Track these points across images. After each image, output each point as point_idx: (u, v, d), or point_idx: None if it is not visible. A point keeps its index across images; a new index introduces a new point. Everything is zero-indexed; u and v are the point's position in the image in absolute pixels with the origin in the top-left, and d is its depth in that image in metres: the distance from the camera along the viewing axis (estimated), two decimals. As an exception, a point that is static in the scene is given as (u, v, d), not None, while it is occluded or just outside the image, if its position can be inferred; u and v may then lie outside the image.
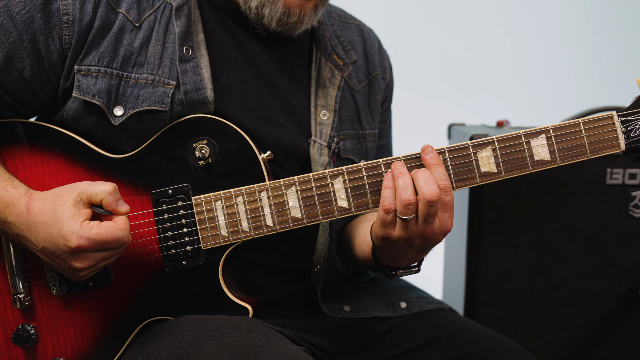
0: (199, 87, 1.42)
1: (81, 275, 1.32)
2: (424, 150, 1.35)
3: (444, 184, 1.32)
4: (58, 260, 1.30)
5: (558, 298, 1.99)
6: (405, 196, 1.31)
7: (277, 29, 1.49)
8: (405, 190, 1.31)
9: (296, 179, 1.38)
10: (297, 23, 1.48)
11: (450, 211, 1.35)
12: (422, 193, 1.30)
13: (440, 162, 1.34)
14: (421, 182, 1.31)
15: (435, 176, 1.32)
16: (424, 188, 1.30)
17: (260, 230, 1.39)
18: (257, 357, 1.23)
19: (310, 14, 1.49)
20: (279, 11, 1.45)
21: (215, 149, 1.40)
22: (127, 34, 1.42)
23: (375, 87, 1.72)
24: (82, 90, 1.39)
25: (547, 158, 1.36)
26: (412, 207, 1.31)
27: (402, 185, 1.31)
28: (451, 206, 1.35)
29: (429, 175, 1.32)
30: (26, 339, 1.40)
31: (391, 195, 1.33)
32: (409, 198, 1.30)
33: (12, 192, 1.33)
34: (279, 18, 1.46)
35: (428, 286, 2.01)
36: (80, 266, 1.29)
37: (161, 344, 1.32)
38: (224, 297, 1.41)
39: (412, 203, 1.30)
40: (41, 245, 1.30)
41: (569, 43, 3.17)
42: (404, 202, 1.30)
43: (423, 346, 1.58)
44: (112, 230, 1.28)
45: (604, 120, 1.35)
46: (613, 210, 1.95)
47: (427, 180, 1.31)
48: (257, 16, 1.49)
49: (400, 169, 1.33)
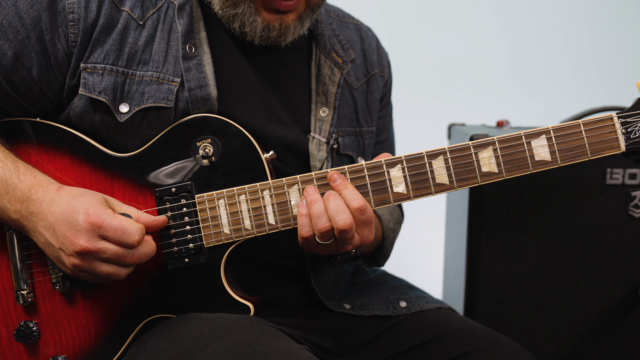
0: (202, 84, 1.43)
1: (74, 263, 1.30)
2: (329, 178, 1.36)
3: (357, 204, 1.33)
4: (62, 239, 1.29)
5: (558, 298, 1.99)
6: (320, 225, 1.33)
7: (262, 44, 1.51)
8: (320, 218, 1.33)
9: (298, 178, 1.38)
10: (280, 36, 1.49)
11: (370, 225, 1.37)
12: (335, 223, 1.32)
13: (348, 184, 1.36)
14: (332, 211, 1.32)
15: (347, 198, 1.34)
16: (336, 218, 1.32)
17: (262, 229, 1.40)
18: (260, 355, 1.24)
19: (294, 25, 1.49)
20: (258, 28, 1.46)
21: (219, 147, 1.41)
22: (132, 32, 1.43)
23: (373, 85, 1.73)
24: (89, 88, 1.40)
25: (548, 158, 1.36)
26: (328, 233, 1.33)
27: (316, 214, 1.33)
28: (370, 221, 1.36)
29: (340, 202, 1.33)
30: (28, 336, 1.41)
31: (307, 223, 1.35)
32: (324, 226, 1.32)
33: (41, 177, 1.36)
34: (260, 35, 1.48)
35: (428, 286, 2.02)
36: (83, 245, 1.27)
37: (164, 343, 1.33)
38: (226, 295, 1.41)
39: (328, 230, 1.33)
40: (55, 218, 1.30)
41: (569, 43, 3.17)
42: (321, 230, 1.33)
43: (423, 345, 1.58)
44: (127, 226, 1.29)
45: (604, 121, 1.36)
46: (613, 210, 1.95)
47: (338, 209, 1.32)
48: (241, 34, 1.50)
49: (313, 195, 1.35)
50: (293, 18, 1.48)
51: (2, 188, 1.34)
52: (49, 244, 1.32)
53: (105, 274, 1.31)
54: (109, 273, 1.31)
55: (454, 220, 2.25)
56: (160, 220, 1.37)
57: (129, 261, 1.31)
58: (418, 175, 1.37)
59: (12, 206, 1.33)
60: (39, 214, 1.31)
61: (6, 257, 1.42)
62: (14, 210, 1.34)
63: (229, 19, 1.48)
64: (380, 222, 1.74)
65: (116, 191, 1.42)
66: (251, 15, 1.45)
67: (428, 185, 1.38)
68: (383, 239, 1.75)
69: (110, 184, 1.42)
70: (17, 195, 1.33)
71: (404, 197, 1.38)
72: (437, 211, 2.67)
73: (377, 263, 1.81)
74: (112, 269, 1.31)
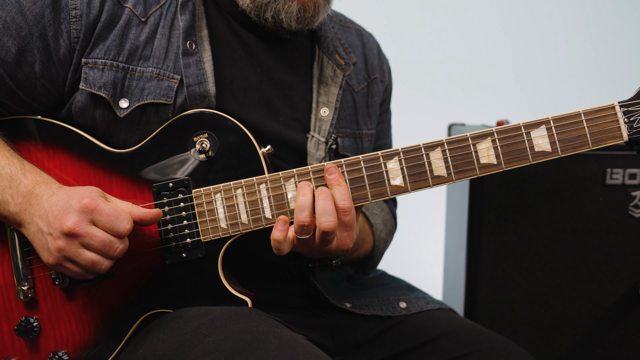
0: (200, 81, 1.44)
1: (59, 247, 1.28)
2: (326, 169, 1.37)
3: (343, 204, 1.33)
4: (53, 221, 1.28)
5: (558, 298, 1.99)
6: (300, 217, 1.33)
7: (298, 27, 1.53)
8: (302, 211, 1.33)
9: (295, 172, 1.39)
10: (314, 16, 1.52)
11: (349, 230, 1.37)
12: (319, 223, 1.32)
13: (342, 182, 1.36)
14: (320, 210, 1.33)
15: (336, 196, 1.34)
16: (321, 218, 1.32)
17: (259, 223, 1.40)
18: (259, 342, 1.23)
19: (323, 4, 1.53)
20: (294, 11, 1.49)
21: (216, 142, 1.42)
22: (134, 28, 1.45)
23: (373, 89, 1.75)
24: (89, 83, 1.42)
25: (548, 149, 1.35)
26: (306, 228, 1.33)
27: (300, 205, 1.34)
28: (350, 225, 1.36)
29: (329, 204, 1.33)
30: (29, 331, 1.42)
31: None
32: (304, 220, 1.33)
33: (45, 176, 1.38)
34: (296, 17, 1.50)
35: (428, 286, 2.02)
36: (70, 226, 1.26)
37: (163, 335, 1.33)
38: (224, 290, 1.42)
39: (307, 225, 1.33)
40: (50, 205, 1.30)
41: (569, 43, 3.16)
42: (299, 223, 1.33)
43: (422, 346, 1.58)
44: (120, 212, 1.30)
45: (605, 110, 1.34)
46: (613, 210, 1.95)
47: (326, 210, 1.33)
48: (274, 24, 1.52)
49: (304, 188, 1.36)
50: None
51: (7, 183, 1.35)
52: (39, 231, 1.31)
53: (89, 263, 1.29)
54: (92, 262, 1.29)
55: (454, 221, 2.25)
56: (152, 213, 1.36)
57: (114, 253, 1.30)
58: (415, 168, 1.37)
59: (14, 199, 1.34)
60: (37, 204, 1.32)
61: (7, 253, 1.43)
62: (15, 204, 1.35)
63: (260, 9, 1.50)
64: (372, 231, 1.74)
65: (115, 187, 1.43)
66: (286, 2, 1.48)
67: (426, 177, 1.37)
68: (373, 249, 1.75)
69: (109, 179, 1.43)
70: (20, 190, 1.34)
71: (402, 189, 1.37)
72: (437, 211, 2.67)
73: (364, 271, 1.81)
74: (97, 258, 1.29)
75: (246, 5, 1.51)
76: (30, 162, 1.41)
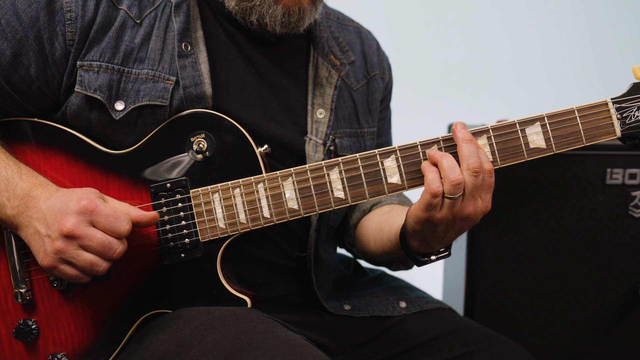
0: (197, 82, 1.44)
1: (57, 247, 1.28)
2: (455, 126, 1.35)
3: (489, 166, 1.33)
4: (51, 223, 1.28)
5: (558, 298, 1.99)
6: (453, 176, 1.31)
7: (283, 32, 1.52)
8: (453, 170, 1.31)
9: (292, 170, 1.39)
10: (299, 20, 1.51)
11: (490, 193, 1.36)
12: (467, 165, 1.31)
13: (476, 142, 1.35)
14: (465, 154, 1.31)
15: (482, 158, 1.33)
16: (469, 160, 1.31)
17: (257, 222, 1.40)
18: (258, 342, 1.23)
19: (309, 9, 1.51)
20: (278, 15, 1.48)
21: (213, 142, 1.42)
22: (129, 30, 1.44)
23: (374, 86, 1.74)
24: (84, 85, 1.41)
25: (543, 146, 1.36)
26: (461, 185, 1.31)
27: (448, 166, 1.32)
28: (492, 188, 1.35)
29: (473, 148, 1.32)
30: (27, 334, 1.41)
31: (437, 178, 1.32)
32: (457, 177, 1.31)
33: (42, 179, 1.37)
34: (281, 21, 1.49)
35: (428, 286, 2.02)
36: (69, 228, 1.26)
37: (162, 335, 1.33)
38: (223, 289, 1.42)
39: (461, 182, 1.31)
40: (48, 207, 1.29)
41: (569, 43, 3.15)
42: (454, 182, 1.31)
43: (422, 345, 1.58)
44: (119, 213, 1.30)
45: (598, 107, 1.36)
46: (613, 210, 1.95)
47: (472, 152, 1.31)
48: (259, 27, 1.51)
49: (440, 152, 1.34)
50: (308, 1, 1.50)
51: (3, 186, 1.35)
52: (36, 234, 1.31)
53: (88, 264, 1.29)
54: (91, 263, 1.29)
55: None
56: (149, 216, 1.35)
57: (113, 254, 1.29)
58: (412, 165, 1.37)
59: (11, 202, 1.34)
60: (35, 207, 1.31)
61: (4, 256, 1.43)
62: (11, 207, 1.34)
63: (246, 12, 1.49)
64: None
65: (112, 188, 1.43)
66: (270, 6, 1.47)
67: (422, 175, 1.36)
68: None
69: (105, 181, 1.43)
70: (17, 193, 1.34)
71: (399, 187, 1.38)
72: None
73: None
74: (95, 259, 1.29)
75: (232, 8, 1.50)
76: (26, 164, 1.41)
